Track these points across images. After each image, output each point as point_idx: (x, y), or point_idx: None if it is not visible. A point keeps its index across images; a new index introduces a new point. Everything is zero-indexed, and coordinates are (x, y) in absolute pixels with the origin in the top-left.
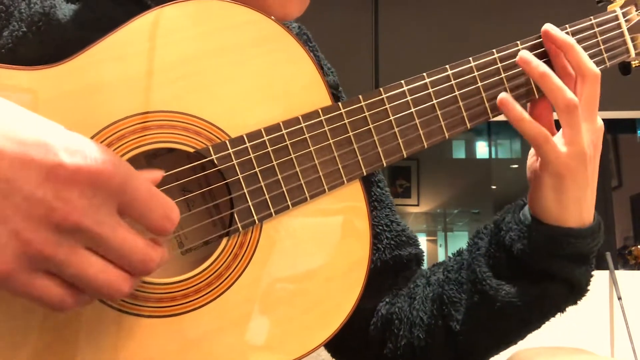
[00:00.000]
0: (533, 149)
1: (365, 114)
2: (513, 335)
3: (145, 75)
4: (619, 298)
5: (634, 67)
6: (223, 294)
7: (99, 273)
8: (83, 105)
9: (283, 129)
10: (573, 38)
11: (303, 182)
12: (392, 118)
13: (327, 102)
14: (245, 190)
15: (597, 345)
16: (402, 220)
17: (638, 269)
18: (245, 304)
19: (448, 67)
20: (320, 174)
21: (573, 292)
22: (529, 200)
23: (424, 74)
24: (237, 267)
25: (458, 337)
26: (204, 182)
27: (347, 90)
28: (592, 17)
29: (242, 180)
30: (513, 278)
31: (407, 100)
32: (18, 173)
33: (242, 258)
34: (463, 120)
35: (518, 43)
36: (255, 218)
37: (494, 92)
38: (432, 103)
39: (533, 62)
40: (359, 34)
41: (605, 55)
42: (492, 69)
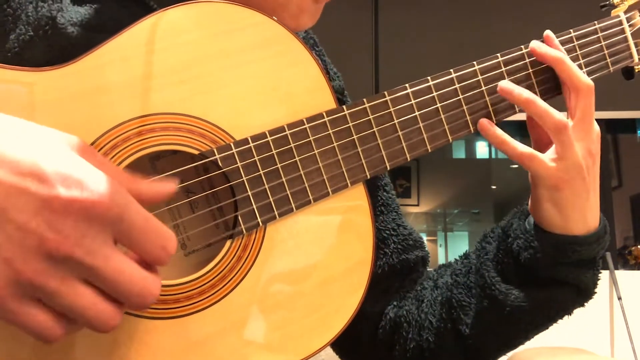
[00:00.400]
0: None
1: (370, 117)
2: (520, 338)
3: (150, 78)
4: (619, 298)
5: (637, 71)
6: (226, 296)
7: (89, 306)
8: (87, 108)
9: (287, 132)
10: (564, 48)
11: (307, 185)
12: (396, 121)
13: (331, 105)
14: (250, 193)
15: (597, 345)
16: (408, 223)
17: (638, 269)
18: (249, 306)
19: (452, 70)
20: (324, 177)
21: (580, 295)
22: (531, 210)
23: (428, 77)
24: (240, 269)
25: (467, 340)
26: (208, 184)
27: (347, 91)
28: (595, 21)
29: (246, 183)
30: (521, 283)
31: (411, 104)
32: (12, 202)
33: (245, 260)
34: (467, 124)
35: (522, 47)
36: (259, 220)
37: (498, 96)
38: (436, 107)
39: (515, 90)
40: (359, 34)
41: (609, 60)
42: (496, 73)
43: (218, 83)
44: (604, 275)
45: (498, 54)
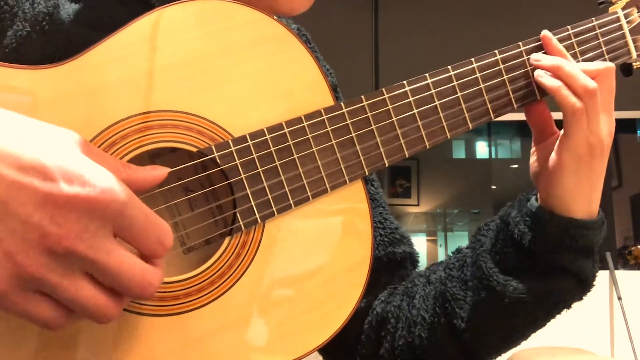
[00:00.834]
0: (537, 147)
1: (368, 115)
2: (518, 334)
3: (148, 75)
4: (619, 298)
5: (636, 68)
6: (225, 293)
7: (89, 299)
8: (85, 105)
9: (285, 129)
10: (569, 46)
11: (305, 182)
12: (394, 119)
13: (329, 102)
14: (248, 191)
15: (597, 345)
16: (395, 221)
17: (638, 269)
18: (247, 303)
19: (450, 67)
20: (323, 174)
21: (580, 286)
22: (541, 192)
23: (426, 75)
24: (239, 266)
25: (463, 334)
26: (207, 182)
27: (347, 90)
28: (593, 18)
29: (244, 181)
30: (520, 273)
31: (409, 101)
32: (15, 197)
33: (244, 257)
34: (465, 121)
35: (520, 44)
36: (258, 217)
37: (496, 93)
38: (434, 104)
39: (543, 59)
40: (359, 34)
41: (607, 57)
42: (494, 70)
43: (216, 81)
44: (604, 275)
45: (496, 51)
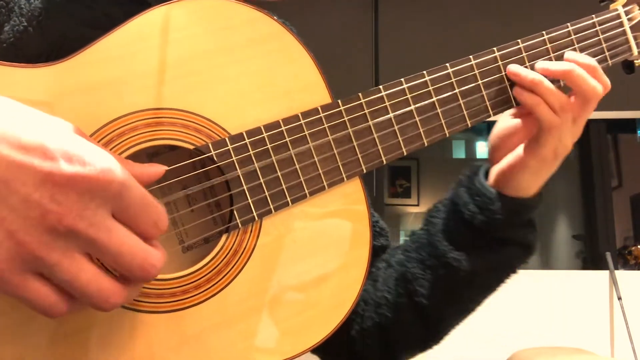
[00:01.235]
0: (508, 120)
1: (365, 112)
2: (474, 303)
3: (146, 74)
4: (619, 298)
5: (638, 65)
6: (222, 290)
7: (91, 281)
8: (82, 103)
9: (282, 126)
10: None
11: (303, 179)
12: (391, 115)
13: (327, 100)
14: (245, 187)
15: (597, 345)
16: (375, 213)
17: (638, 269)
18: (244, 301)
19: (448, 64)
20: (320, 171)
21: (525, 252)
22: (498, 175)
23: (424, 72)
24: (236, 264)
25: (426, 310)
26: (205, 179)
27: (347, 90)
28: (594, 15)
29: (241, 177)
30: (474, 249)
31: (406, 98)
32: (16, 176)
33: (241, 255)
34: (463, 118)
35: (519, 41)
36: (255, 214)
37: (495, 90)
38: (432, 100)
39: (521, 74)
40: (359, 34)
41: (608, 54)
42: (492, 67)
43: (214, 79)
44: (604, 275)
45: (494, 48)
